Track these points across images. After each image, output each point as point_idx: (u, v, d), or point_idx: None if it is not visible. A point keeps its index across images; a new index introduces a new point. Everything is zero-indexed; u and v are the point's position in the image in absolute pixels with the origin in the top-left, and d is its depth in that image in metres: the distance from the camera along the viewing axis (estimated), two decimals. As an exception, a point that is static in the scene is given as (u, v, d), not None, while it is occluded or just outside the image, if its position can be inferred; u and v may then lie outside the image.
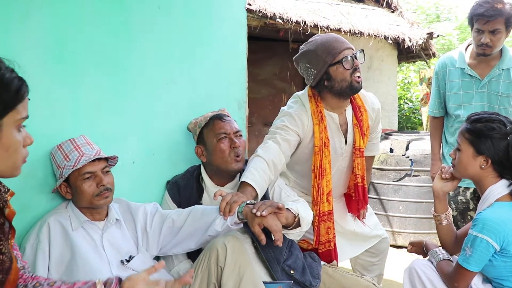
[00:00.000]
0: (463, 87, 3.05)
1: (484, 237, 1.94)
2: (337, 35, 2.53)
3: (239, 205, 2.00)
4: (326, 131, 2.49)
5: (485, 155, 2.06)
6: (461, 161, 2.13)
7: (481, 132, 2.06)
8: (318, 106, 2.51)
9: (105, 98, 2.26)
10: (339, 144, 2.57)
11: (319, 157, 2.48)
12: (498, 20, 2.76)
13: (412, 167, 4.74)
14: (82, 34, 2.18)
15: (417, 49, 6.85)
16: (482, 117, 2.10)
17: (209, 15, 2.68)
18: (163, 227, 2.12)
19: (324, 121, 2.49)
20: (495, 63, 2.95)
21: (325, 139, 2.48)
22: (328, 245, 2.54)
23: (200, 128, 2.36)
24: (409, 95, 11.06)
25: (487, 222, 1.95)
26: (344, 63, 2.39)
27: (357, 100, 2.62)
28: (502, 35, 2.81)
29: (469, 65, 3.00)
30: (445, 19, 14.48)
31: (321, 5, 6.20)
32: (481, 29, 2.82)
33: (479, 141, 2.07)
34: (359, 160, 2.60)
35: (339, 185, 2.71)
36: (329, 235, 2.52)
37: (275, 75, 6.59)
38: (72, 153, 1.97)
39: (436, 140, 3.29)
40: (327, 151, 2.49)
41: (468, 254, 1.99)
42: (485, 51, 2.86)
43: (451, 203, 3.16)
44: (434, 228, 4.74)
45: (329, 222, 2.52)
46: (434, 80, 3.25)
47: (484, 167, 2.07)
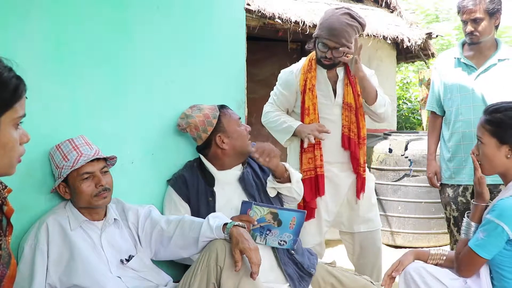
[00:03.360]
0: (459, 77, 3.12)
1: (500, 223, 1.92)
2: (349, 20, 2.79)
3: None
4: (313, 80, 2.90)
5: (509, 144, 2.03)
6: (486, 155, 2.09)
7: (502, 121, 2.04)
8: (311, 61, 2.94)
9: (104, 98, 2.26)
10: (327, 92, 2.93)
11: (303, 99, 2.91)
12: (477, 9, 2.95)
13: (411, 167, 4.74)
14: (81, 34, 2.18)
15: (416, 49, 6.84)
16: (501, 107, 2.09)
17: (208, 15, 2.68)
18: (153, 234, 2.11)
19: (312, 71, 2.91)
20: (490, 53, 3.07)
21: (310, 85, 2.90)
22: (309, 173, 2.90)
23: (216, 119, 2.39)
24: (408, 95, 11.07)
25: (507, 209, 1.94)
26: (319, 45, 2.84)
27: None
28: (486, 23, 2.98)
29: (465, 56, 3.12)
30: (444, 19, 14.48)
31: (320, 5, 6.19)
32: (465, 19, 3.03)
33: (501, 131, 2.04)
34: (347, 113, 2.92)
35: (335, 138, 2.92)
36: (310, 165, 2.91)
37: (274, 75, 6.53)
38: (70, 153, 1.97)
39: (433, 139, 3.32)
40: (311, 94, 2.89)
41: (481, 238, 1.96)
42: (472, 39, 3.04)
43: (452, 204, 3.16)
44: (433, 228, 4.79)
45: (310, 154, 2.90)
46: (433, 74, 3.34)
47: (510, 156, 2.04)
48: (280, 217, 2.23)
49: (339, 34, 2.76)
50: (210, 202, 2.34)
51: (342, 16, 2.80)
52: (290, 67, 3.09)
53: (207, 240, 1.99)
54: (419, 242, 4.78)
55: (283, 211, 2.26)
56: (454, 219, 3.17)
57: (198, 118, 2.38)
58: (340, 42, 2.76)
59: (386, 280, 2.25)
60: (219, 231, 1.97)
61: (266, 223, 2.23)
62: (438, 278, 2.14)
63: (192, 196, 2.36)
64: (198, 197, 2.36)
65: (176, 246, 2.08)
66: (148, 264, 2.11)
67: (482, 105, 2.96)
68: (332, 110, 2.93)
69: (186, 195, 2.37)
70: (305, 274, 2.34)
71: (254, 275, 1.88)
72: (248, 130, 2.49)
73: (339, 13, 2.82)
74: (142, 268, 2.07)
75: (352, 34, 2.79)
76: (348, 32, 2.77)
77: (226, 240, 1.96)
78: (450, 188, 3.18)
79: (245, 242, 1.89)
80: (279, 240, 2.26)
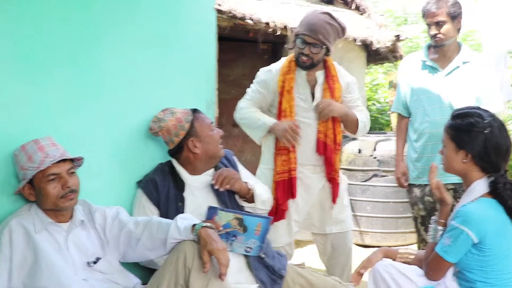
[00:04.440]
0: (425, 79, 3.20)
1: (464, 229, 1.97)
2: (328, 19, 2.83)
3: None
4: (291, 82, 2.90)
5: (464, 150, 2.10)
6: (446, 157, 2.18)
7: (460, 127, 2.11)
8: (290, 63, 2.94)
9: (71, 98, 2.23)
10: (304, 96, 2.93)
11: (280, 100, 2.90)
12: (440, 13, 3.05)
13: (380, 167, 4.80)
14: (46, 33, 2.15)
15: (385, 51, 6.94)
16: (462, 112, 2.16)
17: (178, 15, 2.66)
18: (121, 235, 2.09)
19: (291, 72, 2.91)
20: (454, 56, 3.16)
21: (288, 87, 2.88)
22: (283, 175, 2.89)
23: (189, 123, 2.38)
24: (377, 97, 11.19)
25: (469, 215, 1.99)
26: (297, 41, 2.85)
27: (332, 70, 2.96)
28: (449, 26, 3.08)
29: (431, 59, 3.21)
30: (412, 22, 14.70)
31: (290, 6, 6.22)
32: (429, 22, 3.13)
33: (458, 136, 2.11)
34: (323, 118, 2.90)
35: (309, 143, 2.93)
36: (284, 167, 2.89)
37: (245, 75, 6.58)
38: (36, 154, 1.93)
39: (401, 140, 3.39)
40: (289, 96, 2.88)
41: (447, 244, 2.02)
42: (437, 41, 3.13)
43: (419, 203, 3.22)
44: (400, 228, 4.86)
45: (285, 156, 2.89)
46: (399, 76, 3.42)
47: (466, 161, 2.10)
48: (245, 223, 2.23)
49: (317, 30, 2.78)
50: (180, 207, 2.33)
51: (321, 15, 2.85)
52: (269, 66, 3.08)
53: (175, 241, 1.98)
54: (387, 241, 4.84)
55: (248, 217, 2.26)
56: (421, 218, 3.23)
57: (171, 122, 2.36)
58: (318, 38, 2.78)
59: (355, 277, 2.29)
60: (187, 232, 1.95)
61: (231, 229, 2.22)
62: (405, 275, 2.18)
63: (161, 201, 2.35)
64: (168, 202, 2.35)
65: (144, 247, 2.06)
66: (115, 266, 2.09)
67: (447, 106, 3.04)
68: (309, 113, 2.93)
69: (156, 200, 2.35)
70: (277, 277, 2.34)
71: (222, 276, 1.88)
72: (220, 135, 2.49)
73: (318, 12, 2.89)
74: (110, 271, 2.04)
75: (331, 33, 2.82)
76: (326, 30, 2.79)
77: (195, 241, 1.95)
78: (417, 188, 3.24)
79: (213, 243, 1.88)
80: (245, 247, 2.25)
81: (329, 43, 2.82)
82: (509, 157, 2.13)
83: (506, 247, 2.04)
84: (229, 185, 2.36)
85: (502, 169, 2.09)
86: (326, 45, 2.81)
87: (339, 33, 2.89)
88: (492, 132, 2.06)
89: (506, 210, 2.04)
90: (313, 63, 2.87)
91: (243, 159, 6.35)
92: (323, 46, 2.82)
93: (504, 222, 2.04)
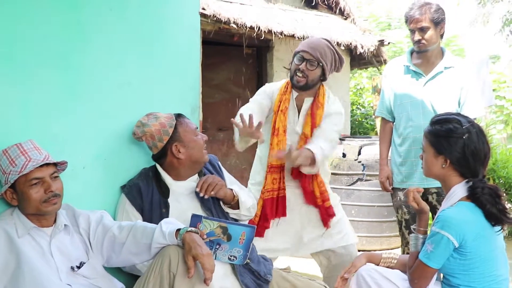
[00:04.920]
0: (408, 84, 3.24)
1: (445, 233, 2.00)
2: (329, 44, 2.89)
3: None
4: (287, 102, 2.93)
5: (444, 155, 2.12)
6: (426, 162, 2.21)
7: (439, 133, 2.14)
8: (288, 84, 2.98)
9: (55, 101, 2.21)
10: (292, 118, 2.95)
11: (275, 119, 2.92)
12: (423, 19, 3.09)
13: (364, 171, 4.83)
14: (32, 34, 2.13)
15: (369, 56, 6.99)
16: (441, 118, 2.19)
17: (162, 19, 2.66)
18: (105, 240, 2.07)
19: (287, 93, 2.94)
20: (437, 61, 3.20)
21: (283, 107, 2.91)
22: (272, 193, 2.90)
23: (172, 128, 2.36)
24: (361, 101, 11.27)
25: (448, 219, 2.01)
26: (295, 58, 2.90)
27: (320, 97, 2.96)
28: (432, 31, 3.12)
29: (414, 64, 3.24)
30: (396, 27, 14.84)
31: (275, 11, 6.25)
32: (412, 28, 3.16)
33: (437, 142, 2.14)
34: (303, 143, 2.88)
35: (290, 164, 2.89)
36: (274, 185, 2.90)
37: (230, 80, 6.60)
38: (18, 158, 1.91)
39: (385, 144, 3.41)
40: (283, 116, 2.90)
41: (430, 250, 2.04)
42: (420, 47, 3.16)
43: (403, 207, 3.24)
44: (385, 232, 4.89)
45: (275, 174, 2.90)
46: (383, 81, 3.46)
47: (445, 166, 2.13)
48: (229, 231, 2.21)
49: (315, 47, 2.82)
50: (164, 213, 2.31)
51: (323, 39, 2.91)
52: (273, 83, 3.12)
53: (160, 246, 1.97)
54: (372, 245, 4.86)
55: (233, 225, 2.24)
56: (406, 222, 3.25)
57: (154, 127, 2.34)
58: (315, 55, 2.81)
59: (339, 282, 2.30)
60: (171, 237, 1.95)
61: (215, 237, 2.21)
62: (389, 279, 2.20)
63: (145, 207, 2.33)
64: (152, 208, 2.33)
65: (129, 252, 2.05)
66: (99, 271, 2.07)
67: (431, 111, 3.08)
68: (291, 136, 2.95)
69: (140, 206, 2.34)
70: (263, 281, 2.33)
71: (207, 281, 1.87)
72: (204, 140, 2.48)
73: (320, 37, 2.96)
74: (94, 275, 2.02)
75: (329, 56, 2.86)
76: (325, 51, 2.84)
77: (179, 246, 1.94)
78: (402, 191, 3.25)
79: (198, 248, 1.88)
80: (229, 255, 2.24)
81: (325, 63, 2.84)
82: (487, 162, 2.16)
83: (487, 250, 2.06)
84: (214, 191, 2.35)
85: (480, 174, 2.12)
86: (322, 64, 2.83)
87: (336, 61, 2.92)
88: (470, 138, 2.09)
89: (485, 214, 2.06)
90: (307, 83, 2.86)
91: (227, 163, 6.35)
92: (319, 63, 2.83)
93: (483, 226, 2.06)
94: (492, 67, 11.80)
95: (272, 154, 2.80)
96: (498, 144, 6.80)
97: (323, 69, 2.87)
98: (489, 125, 6.92)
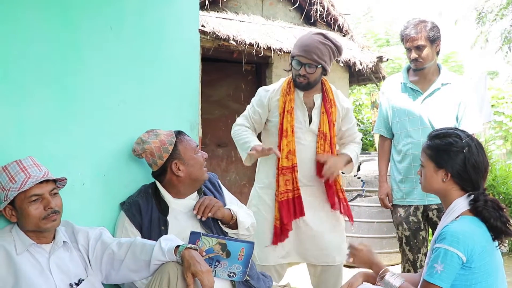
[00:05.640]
0: (406, 101, 3.25)
1: (455, 250, 1.95)
2: (321, 39, 2.86)
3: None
4: (292, 102, 2.93)
5: (444, 169, 2.12)
6: (426, 177, 2.19)
7: (439, 147, 2.13)
8: (289, 83, 2.97)
9: (54, 118, 2.22)
10: (302, 117, 2.96)
11: (282, 120, 2.92)
12: (419, 37, 3.10)
13: (364, 187, 4.82)
14: (30, 53, 2.14)
15: (368, 72, 7.02)
16: (440, 133, 2.18)
17: (162, 36, 2.67)
18: (104, 256, 2.06)
19: (291, 94, 2.94)
20: (434, 78, 3.22)
21: (289, 107, 2.92)
22: (286, 195, 2.90)
23: (172, 146, 2.36)
24: (360, 117, 11.29)
25: (455, 235, 1.97)
26: (293, 62, 2.90)
27: (329, 94, 3.00)
28: (428, 49, 3.13)
29: (411, 81, 3.26)
30: (394, 44, 14.94)
31: (274, 28, 6.28)
32: (408, 47, 3.17)
33: (437, 156, 2.13)
34: (322, 141, 2.94)
35: (306, 165, 2.96)
36: (287, 186, 2.90)
37: (229, 96, 6.61)
38: (18, 174, 1.91)
39: (384, 161, 3.42)
40: (290, 117, 2.91)
41: (441, 271, 1.97)
42: (417, 65, 3.18)
43: (403, 223, 3.23)
44: (385, 248, 4.86)
45: (288, 176, 2.90)
46: (381, 98, 3.46)
47: (446, 180, 2.12)
48: (228, 248, 2.21)
49: (310, 50, 2.82)
50: (163, 231, 2.30)
51: (315, 35, 2.89)
52: (268, 86, 3.13)
53: (159, 263, 1.96)
54: (372, 262, 4.83)
55: (232, 242, 2.24)
56: (406, 239, 3.24)
57: (154, 144, 2.34)
58: (312, 58, 2.82)
59: None
60: (171, 254, 1.94)
61: (214, 254, 2.20)
62: None
63: (144, 224, 2.33)
64: (151, 226, 2.33)
65: (128, 269, 2.04)
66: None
67: (429, 128, 3.09)
68: (305, 135, 2.96)
69: (139, 223, 2.33)
70: None
71: None
72: (205, 158, 2.47)
73: (312, 33, 2.94)
74: (93, 293, 2.02)
75: (325, 53, 2.85)
76: (320, 49, 2.82)
77: (178, 263, 1.93)
78: (402, 208, 3.25)
79: (197, 265, 1.87)
80: (228, 272, 2.24)
81: (324, 62, 2.85)
82: (486, 175, 2.16)
83: (490, 265, 2.04)
84: (211, 213, 2.34)
85: (481, 187, 2.12)
86: (321, 64, 2.85)
87: (334, 52, 2.91)
88: (470, 151, 2.09)
89: (488, 227, 2.05)
90: (310, 82, 2.90)
91: (227, 179, 6.34)
92: (318, 65, 2.85)
93: (487, 239, 2.04)
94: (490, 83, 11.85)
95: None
96: (497, 160, 6.80)
97: (323, 67, 2.88)
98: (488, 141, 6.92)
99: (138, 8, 2.57)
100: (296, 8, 6.79)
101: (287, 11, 6.85)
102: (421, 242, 3.21)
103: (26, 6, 2.14)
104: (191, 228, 2.31)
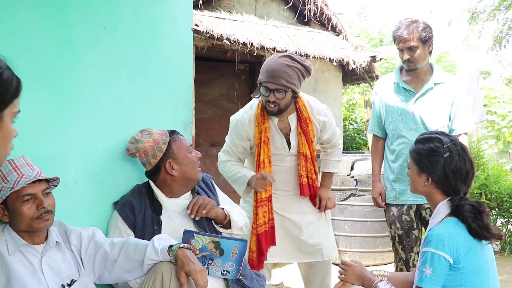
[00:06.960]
0: (399, 101, 3.26)
1: (440, 253, 1.97)
2: (287, 62, 2.79)
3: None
4: (267, 132, 2.90)
5: (426, 173, 2.14)
6: (411, 179, 2.23)
7: (420, 151, 2.16)
8: (263, 111, 2.92)
9: (47, 117, 2.21)
10: (281, 144, 2.96)
11: (259, 152, 2.92)
12: (411, 38, 3.11)
13: (357, 186, 4.84)
14: (23, 51, 2.13)
15: (361, 71, 7.04)
16: (424, 137, 2.21)
17: (155, 36, 2.67)
18: (96, 257, 2.05)
19: (265, 123, 2.90)
20: (426, 78, 3.23)
21: (265, 138, 2.90)
22: (264, 226, 2.92)
23: (166, 145, 2.36)
24: (354, 116, 11.31)
25: (440, 237, 1.99)
26: (261, 89, 2.84)
27: (303, 112, 2.94)
28: (421, 50, 3.14)
29: (404, 81, 3.27)
30: (388, 43, 14.97)
31: (268, 27, 6.29)
32: (401, 48, 3.18)
33: (420, 160, 2.16)
34: (303, 163, 2.97)
35: (289, 181, 3.04)
36: (265, 218, 2.93)
37: (222, 95, 6.61)
38: (10, 174, 1.89)
39: (377, 161, 3.42)
40: (266, 148, 2.90)
41: (430, 274, 1.99)
42: (409, 66, 3.19)
43: (396, 222, 3.24)
44: (379, 247, 4.88)
45: (265, 207, 2.93)
46: (374, 98, 3.46)
47: (427, 184, 2.14)
48: (222, 246, 2.21)
49: (277, 75, 2.75)
50: (156, 231, 2.30)
51: (280, 59, 2.81)
52: (241, 115, 3.03)
53: (152, 262, 1.96)
54: (365, 261, 4.85)
55: (225, 240, 2.24)
56: (399, 237, 3.25)
57: (148, 143, 2.34)
58: (279, 83, 2.75)
59: None
60: (164, 254, 1.94)
61: (208, 252, 2.21)
62: None
63: (138, 224, 2.33)
64: (144, 225, 2.32)
65: (121, 269, 2.03)
66: (91, 290, 2.05)
67: (422, 127, 3.11)
68: (286, 158, 3.00)
69: (132, 223, 2.33)
70: None
71: None
72: (198, 157, 2.47)
73: (278, 56, 2.85)
74: (85, 293, 2.01)
75: (294, 76, 2.78)
76: (287, 73, 2.75)
77: (172, 263, 1.93)
78: (395, 207, 3.26)
79: (190, 264, 1.87)
80: (221, 270, 2.24)
81: (293, 85, 2.78)
82: (471, 179, 2.16)
83: (478, 263, 2.05)
84: (205, 211, 2.34)
85: (462, 191, 2.13)
86: (290, 88, 2.78)
87: (303, 73, 2.84)
88: (451, 157, 2.11)
89: (468, 229, 2.06)
90: (280, 108, 2.84)
91: (221, 178, 6.33)
92: (287, 90, 2.78)
93: (472, 239, 2.06)
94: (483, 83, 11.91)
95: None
96: (489, 159, 6.83)
97: (293, 90, 2.82)
98: (481, 140, 6.94)
99: (132, 7, 2.56)
100: (289, 7, 6.80)
101: (280, 11, 6.86)
102: (413, 241, 3.22)
103: (21, 5, 2.13)
104: (184, 228, 2.30)
